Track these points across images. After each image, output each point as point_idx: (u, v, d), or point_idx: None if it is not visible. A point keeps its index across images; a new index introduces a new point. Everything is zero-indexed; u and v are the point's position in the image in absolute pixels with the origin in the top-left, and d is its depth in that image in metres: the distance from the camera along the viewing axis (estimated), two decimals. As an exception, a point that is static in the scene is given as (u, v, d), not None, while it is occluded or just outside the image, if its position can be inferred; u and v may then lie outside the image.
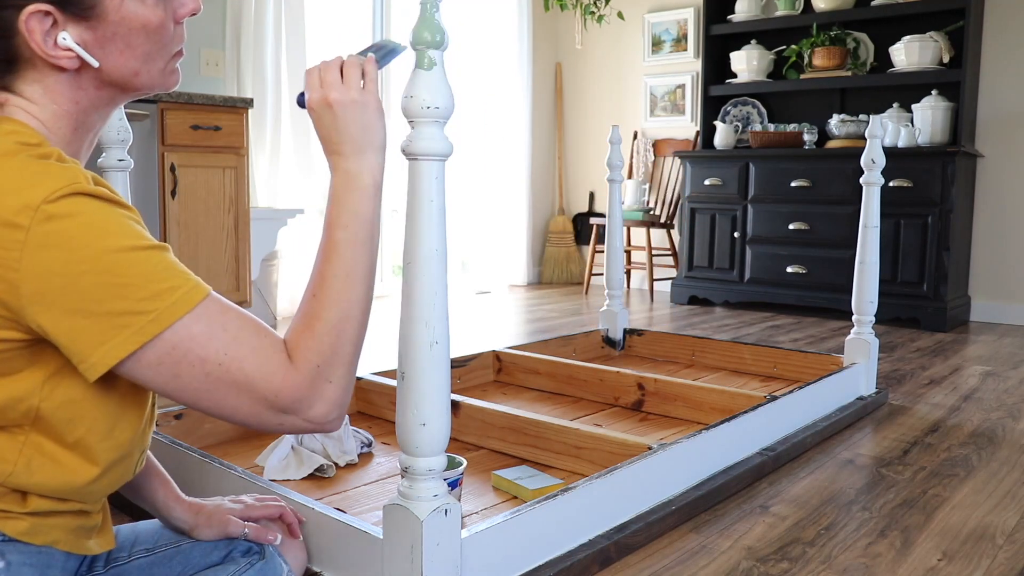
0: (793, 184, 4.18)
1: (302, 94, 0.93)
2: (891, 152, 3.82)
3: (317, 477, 1.68)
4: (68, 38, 0.78)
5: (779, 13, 4.49)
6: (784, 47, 4.58)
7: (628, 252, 5.04)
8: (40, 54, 0.78)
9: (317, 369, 0.81)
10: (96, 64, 0.80)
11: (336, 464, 1.74)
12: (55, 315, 0.72)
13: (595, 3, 4.85)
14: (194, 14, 0.87)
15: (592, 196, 5.57)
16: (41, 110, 0.81)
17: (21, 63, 0.79)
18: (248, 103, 3.19)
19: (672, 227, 4.92)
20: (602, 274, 4.30)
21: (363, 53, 0.96)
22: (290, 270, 3.90)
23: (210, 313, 0.77)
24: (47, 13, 0.76)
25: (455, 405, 1.94)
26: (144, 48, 0.83)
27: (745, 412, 1.82)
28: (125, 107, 1.52)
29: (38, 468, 0.80)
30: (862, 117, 4.28)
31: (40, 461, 0.80)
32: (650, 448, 1.58)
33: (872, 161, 2.27)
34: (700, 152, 4.55)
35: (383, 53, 0.98)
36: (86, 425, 0.81)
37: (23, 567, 0.82)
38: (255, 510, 1.11)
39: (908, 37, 4.04)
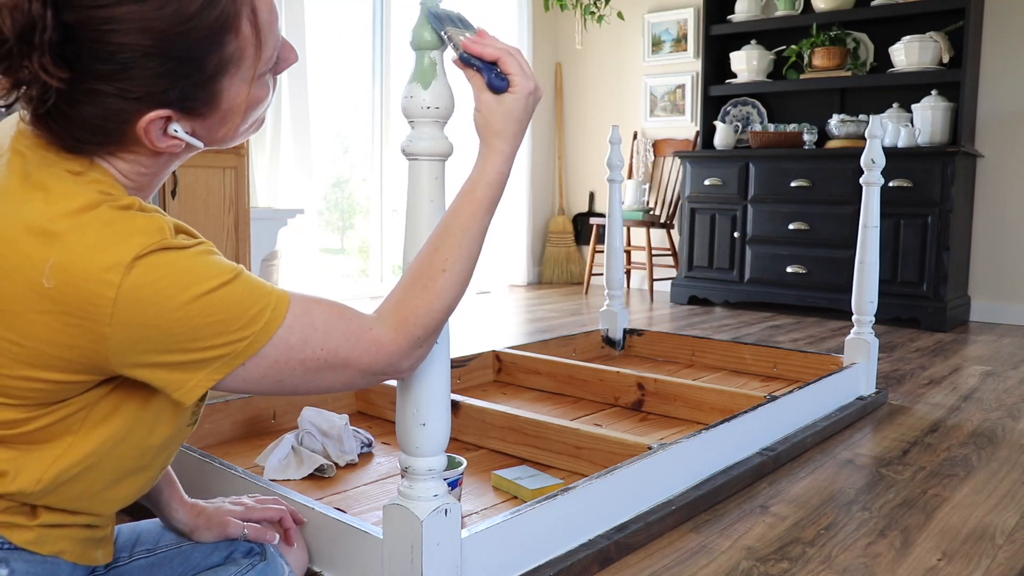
0: (793, 184, 4.18)
1: (475, 60, 0.92)
2: (891, 152, 3.83)
3: (317, 477, 1.68)
4: (180, 130, 0.78)
5: (779, 13, 4.49)
6: (784, 47, 4.58)
7: (628, 252, 5.04)
8: (150, 147, 0.78)
9: (417, 339, 0.88)
10: (202, 146, 0.81)
11: (336, 464, 1.74)
12: (149, 361, 0.74)
13: (595, 3, 4.85)
14: (294, 63, 0.88)
15: (592, 196, 5.57)
16: (129, 168, 0.80)
17: (126, 141, 0.78)
18: (248, 103, 3.19)
19: (672, 227, 4.92)
20: (602, 274, 4.30)
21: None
22: (290, 270, 3.90)
23: (298, 318, 0.80)
24: (166, 119, 0.76)
25: (455, 405, 1.95)
26: (248, 120, 0.84)
27: (745, 412, 1.82)
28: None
29: (61, 486, 0.80)
30: (862, 117, 4.28)
31: (65, 479, 0.80)
32: (650, 448, 1.58)
33: (872, 161, 2.27)
34: (700, 152, 4.55)
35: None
36: (123, 433, 0.81)
37: None
38: (255, 512, 1.11)
39: (908, 37, 4.05)
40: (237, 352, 0.76)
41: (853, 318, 2.39)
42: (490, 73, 0.93)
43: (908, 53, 4.03)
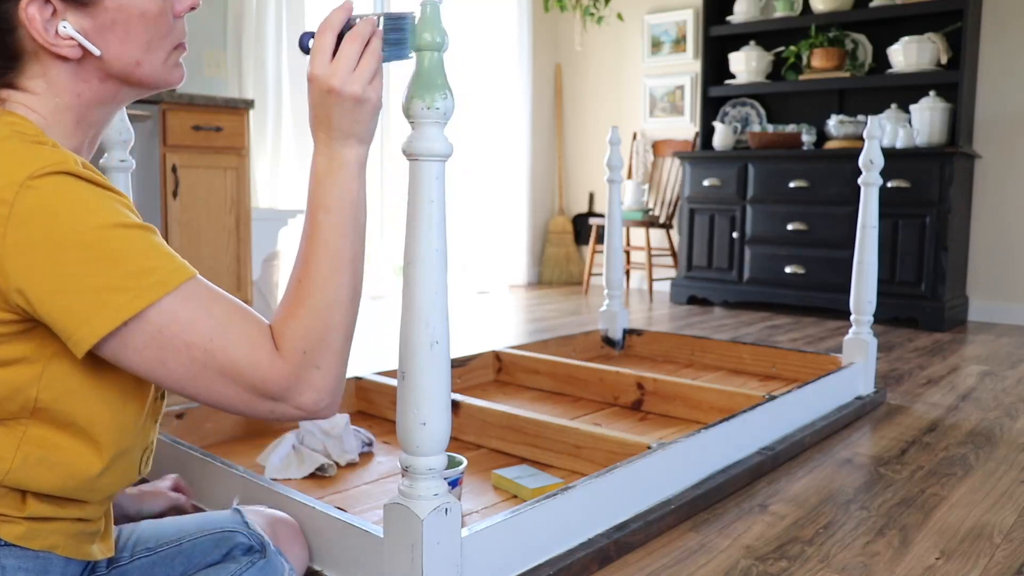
0: (792, 184, 4.19)
1: (307, 36, 0.88)
2: (889, 153, 3.83)
3: (318, 476, 1.69)
4: (69, 26, 0.79)
5: (778, 14, 4.50)
6: (783, 48, 4.59)
7: (627, 252, 5.05)
8: (42, 43, 0.78)
9: (304, 356, 0.81)
10: (98, 52, 0.80)
11: (337, 463, 1.74)
12: (40, 291, 0.72)
13: (595, 4, 4.86)
14: (193, 8, 0.88)
15: (592, 196, 5.58)
16: (43, 103, 0.81)
17: (25, 57, 0.80)
18: (249, 104, 3.19)
19: (671, 227, 4.93)
20: (602, 274, 4.31)
21: (386, 25, 0.91)
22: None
23: (195, 296, 0.77)
24: (46, 1, 0.78)
25: (455, 404, 1.95)
26: (144, 36, 0.83)
27: (744, 411, 1.83)
28: (127, 108, 1.53)
29: (36, 463, 0.80)
30: (860, 118, 4.29)
31: (39, 455, 0.80)
32: (649, 447, 1.59)
33: (870, 162, 2.27)
34: (699, 153, 4.56)
35: (394, 49, 0.94)
36: (87, 415, 0.81)
37: (19, 572, 0.82)
38: (165, 480, 1.38)
39: (906, 38, 4.05)
40: (121, 303, 0.72)
41: (851, 318, 2.40)
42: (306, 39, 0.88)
43: (906, 54, 4.04)
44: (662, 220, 4.93)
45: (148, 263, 0.74)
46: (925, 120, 3.99)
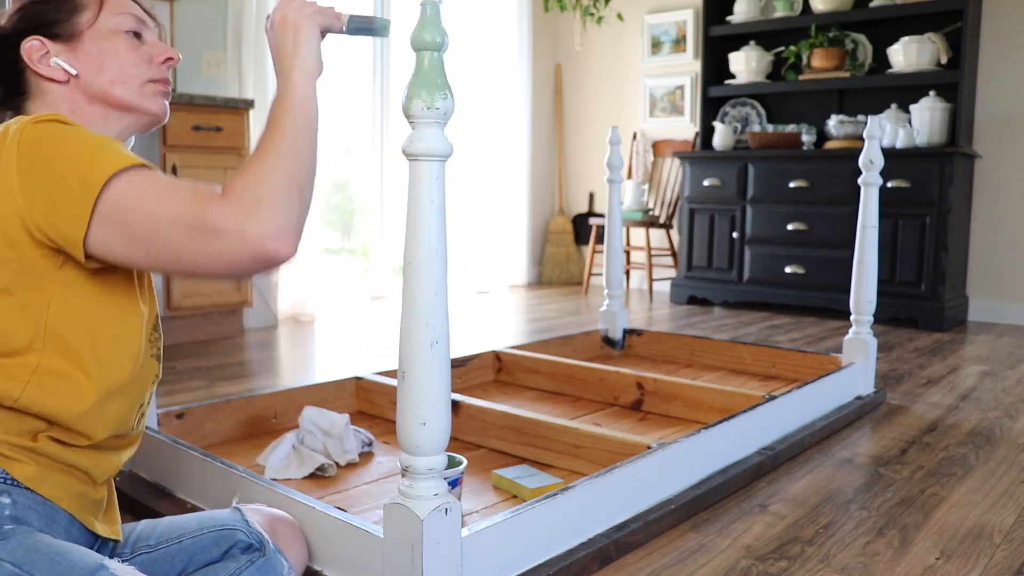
0: (792, 185, 4.19)
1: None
2: (889, 153, 3.83)
3: (318, 476, 1.69)
4: (58, 59, 1.01)
5: (778, 14, 4.50)
6: (783, 48, 4.59)
7: (627, 252, 5.05)
8: (36, 70, 1.01)
9: (242, 190, 0.90)
10: (74, 72, 1.01)
11: (337, 463, 1.74)
12: (42, 198, 0.87)
13: (595, 4, 4.86)
14: (171, 60, 1.08)
15: (592, 196, 5.58)
16: None
17: (30, 88, 1.02)
18: (249, 104, 3.19)
19: (671, 227, 4.93)
20: (602, 274, 4.31)
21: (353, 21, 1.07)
22: (291, 270, 3.90)
23: (151, 174, 0.91)
24: (40, 42, 1.00)
25: (455, 405, 1.95)
26: (115, 64, 1.03)
27: (744, 411, 1.83)
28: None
29: (48, 386, 0.91)
30: (860, 118, 4.29)
31: (49, 381, 0.91)
32: (649, 447, 1.59)
33: (871, 162, 2.27)
34: (699, 153, 4.56)
35: (360, 24, 1.06)
36: (89, 340, 0.93)
37: (28, 510, 0.89)
38: None
39: (906, 38, 4.05)
40: (95, 179, 0.86)
41: (851, 318, 2.40)
42: None
43: (906, 54, 4.04)
44: (662, 220, 4.93)
45: (118, 152, 0.90)
46: (925, 120, 3.99)
